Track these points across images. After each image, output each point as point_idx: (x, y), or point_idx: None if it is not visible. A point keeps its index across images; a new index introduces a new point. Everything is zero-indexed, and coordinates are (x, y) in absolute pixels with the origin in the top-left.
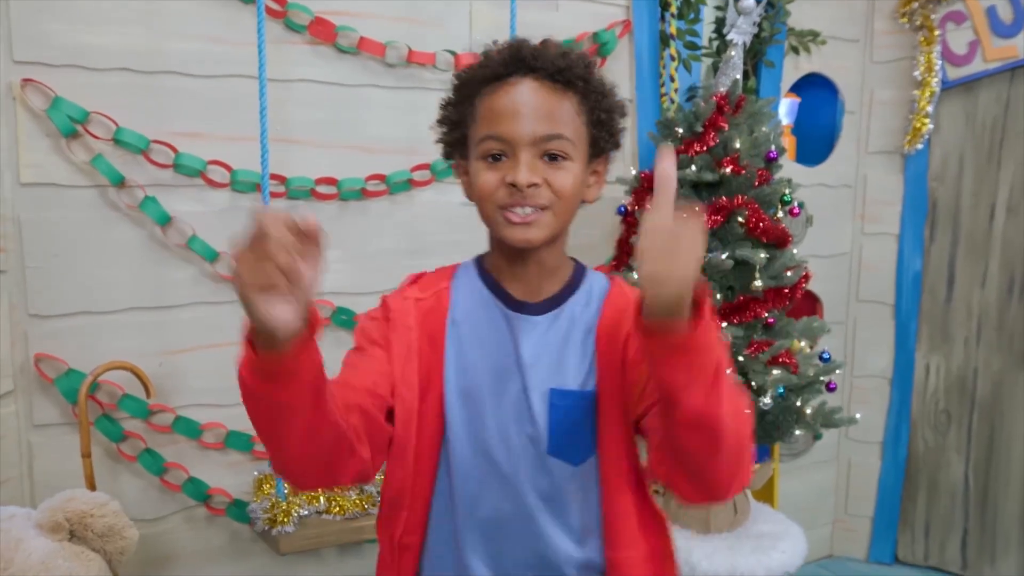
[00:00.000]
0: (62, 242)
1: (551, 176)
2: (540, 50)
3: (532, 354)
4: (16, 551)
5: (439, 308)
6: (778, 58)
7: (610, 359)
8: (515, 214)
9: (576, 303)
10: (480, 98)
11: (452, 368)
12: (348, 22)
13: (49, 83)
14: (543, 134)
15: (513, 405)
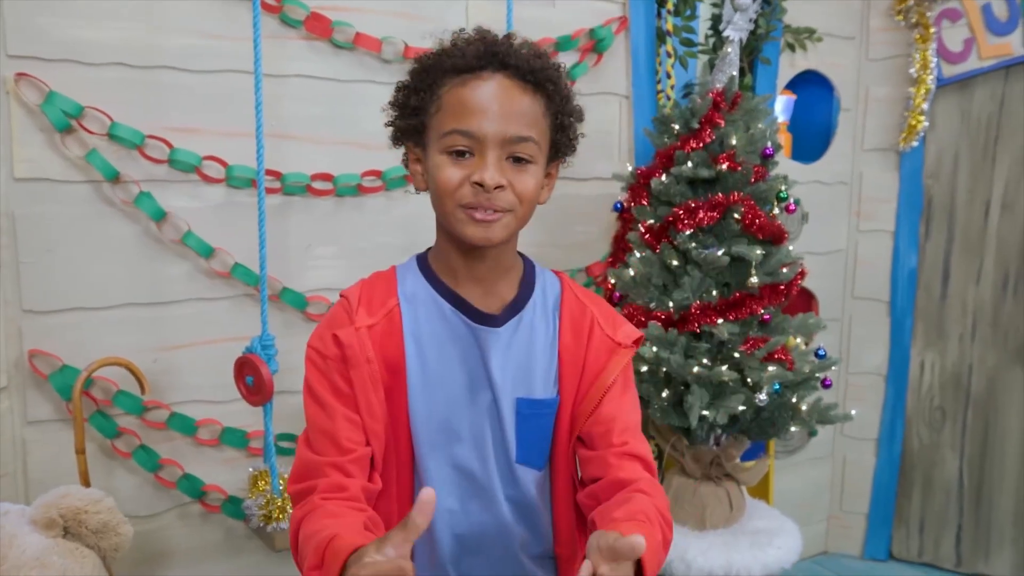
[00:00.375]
0: (56, 237)
1: (515, 179)
2: (513, 47)
3: (499, 365)
4: (10, 548)
5: (393, 331)
6: (774, 55)
7: (571, 370)
8: (477, 214)
9: (534, 308)
10: (446, 88)
11: (418, 390)
12: (344, 17)
13: (43, 77)
14: (513, 135)
15: (485, 417)
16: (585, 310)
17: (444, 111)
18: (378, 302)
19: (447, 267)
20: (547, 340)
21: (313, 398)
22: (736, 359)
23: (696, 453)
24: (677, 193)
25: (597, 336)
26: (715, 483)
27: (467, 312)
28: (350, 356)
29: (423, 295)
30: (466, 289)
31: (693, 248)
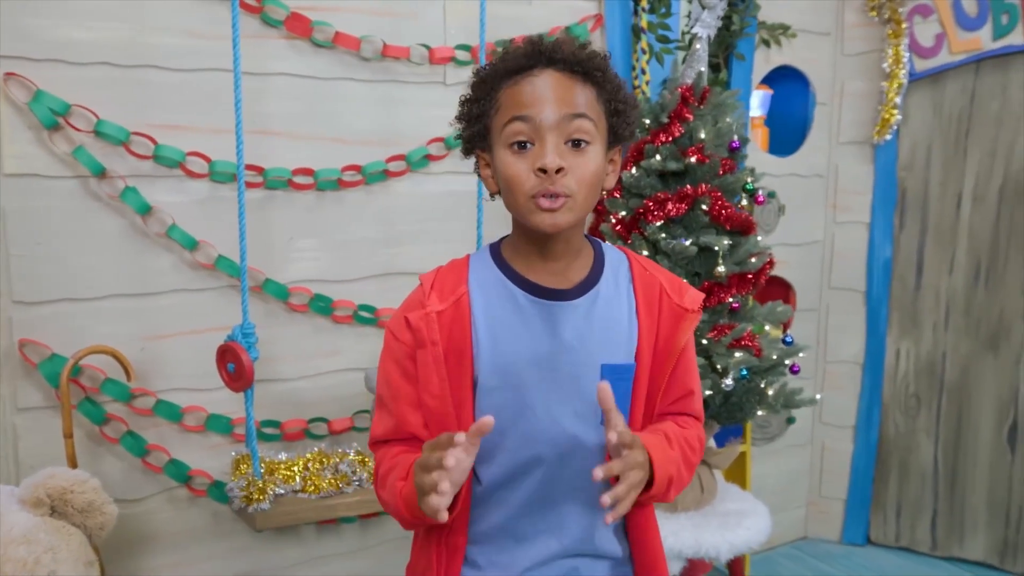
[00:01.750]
0: (45, 231)
1: (575, 163)
2: (559, 44)
3: (575, 336)
4: None
5: (461, 317)
6: (748, 51)
7: (647, 337)
8: (544, 201)
9: (607, 283)
10: (502, 90)
11: (487, 372)
12: (324, 17)
13: (31, 77)
14: (568, 112)
15: (560, 390)
16: (653, 280)
17: (503, 110)
18: (449, 289)
19: (521, 256)
20: (627, 310)
21: (384, 377)
22: (704, 346)
23: None
24: (647, 185)
25: (667, 303)
26: None
27: (537, 292)
28: (419, 338)
29: (494, 282)
30: (539, 275)
31: (662, 239)
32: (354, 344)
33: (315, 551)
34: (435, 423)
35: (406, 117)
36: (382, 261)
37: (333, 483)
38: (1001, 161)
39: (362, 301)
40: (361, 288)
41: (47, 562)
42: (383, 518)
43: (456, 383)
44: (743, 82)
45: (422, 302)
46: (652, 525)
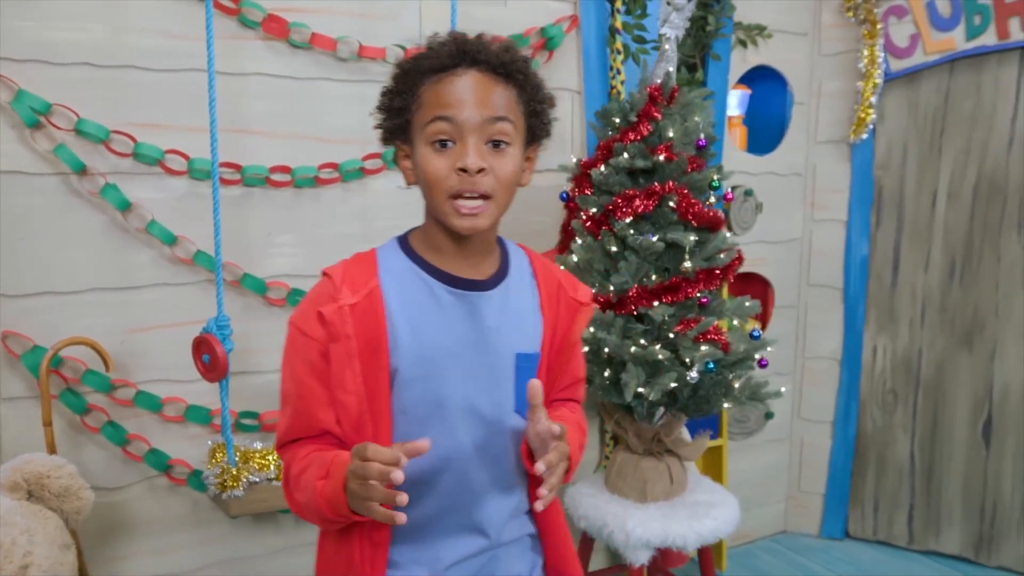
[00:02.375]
0: (28, 226)
1: (495, 163)
2: (484, 44)
3: (494, 326)
4: None
5: (374, 310)
6: (724, 51)
7: (549, 328)
8: (463, 205)
9: (514, 276)
10: (425, 86)
11: (407, 364)
12: (300, 18)
13: (13, 77)
14: (489, 116)
15: (479, 379)
16: (552, 275)
17: (425, 106)
18: (360, 282)
19: (433, 247)
20: (532, 302)
21: (289, 373)
22: (671, 339)
23: (638, 429)
24: (616, 183)
25: (564, 298)
26: (657, 458)
27: (456, 283)
28: (332, 332)
29: (407, 273)
30: (454, 267)
31: (630, 235)
32: None
33: (294, 539)
34: (350, 419)
35: None
36: None
37: None
38: (975, 159)
39: None
40: None
41: (23, 543)
42: None
43: (371, 377)
44: (719, 82)
45: (333, 296)
46: (556, 504)
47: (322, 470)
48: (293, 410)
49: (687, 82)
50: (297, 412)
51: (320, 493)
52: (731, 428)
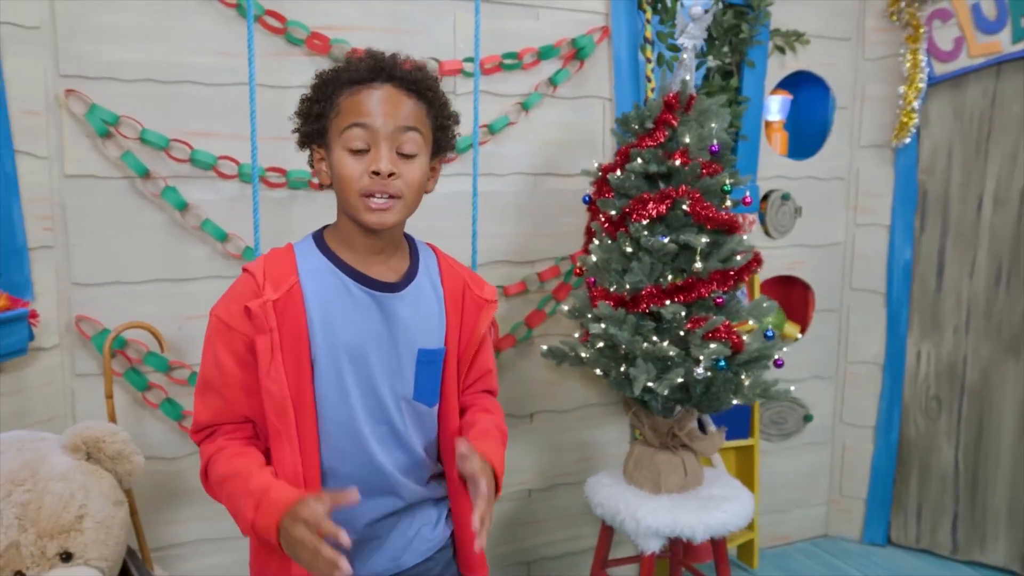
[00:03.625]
0: (98, 224)
1: (404, 169)
2: (398, 62)
3: (403, 323)
4: (42, 464)
5: (295, 305)
6: (761, 58)
7: (454, 324)
8: (374, 202)
9: (423, 276)
10: (344, 96)
11: (323, 355)
12: (341, 35)
13: (87, 92)
14: (400, 125)
15: (392, 366)
16: (457, 275)
17: (343, 114)
18: (281, 278)
19: (346, 245)
20: (437, 301)
21: (213, 361)
22: (682, 337)
23: (654, 423)
24: (632, 186)
25: (470, 296)
26: (672, 452)
27: (370, 284)
28: (258, 325)
29: (324, 271)
30: (365, 264)
31: (644, 236)
32: None
33: None
34: (274, 406)
35: None
36: None
37: None
38: (1023, 164)
39: None
40: None
41: (80, 496)
42: None
43: (293, 367)
44: (755, 88)
45: (257, 292)
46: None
47: (250, 499)
48: (214, 397)
49: (720, 88)
50: (222, 399)
51: (249, 523)
52: (768, 430)
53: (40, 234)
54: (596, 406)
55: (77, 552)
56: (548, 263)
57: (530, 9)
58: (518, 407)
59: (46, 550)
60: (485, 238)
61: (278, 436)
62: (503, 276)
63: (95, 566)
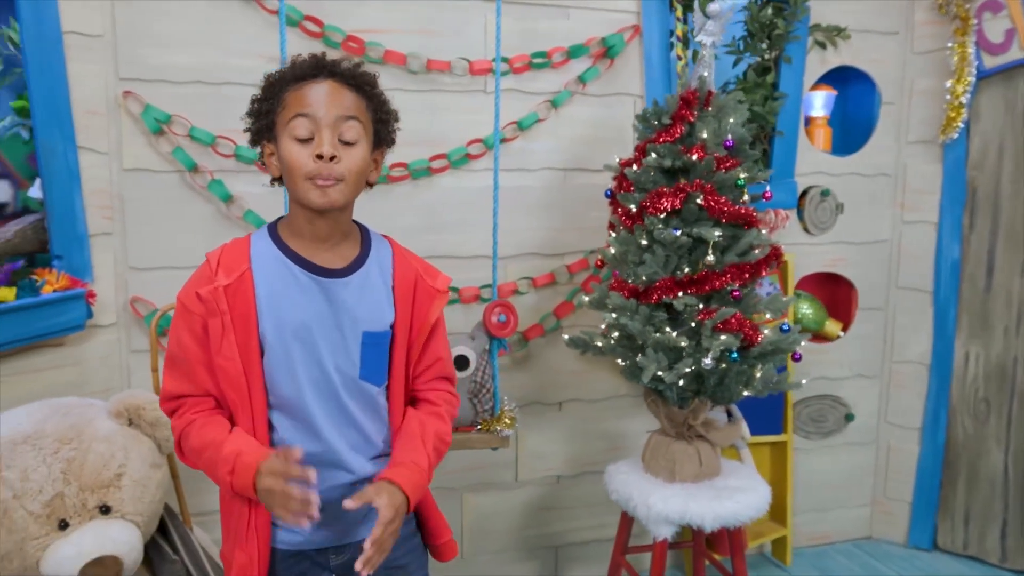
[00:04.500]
0: (152, 213)
1: (345, 154)
2: (338, 61)
3: (345, 307)
4: (87, 426)
5: (244, 289)
6: (799, 54)
7: (402, 312)
8: (319, 182)
9: (372, 264)
10: (288, 92)
11: (271, 336)
12: (376, 38)
13: (142, 94)
14: (342, 114)
15: (337, 347)
16: (410, 265)
17: (288, 107)
18: (233, 265)
19: (296, 234)
20: (385, 288)
21: (176, 339)
22: (694, 328)
23: (670, 413)
24: (648, 180)
25: (421, 286)
26: (687, 442)
27: (314, 270)
28: (210, 309)
29: (273, 259)
30: (312, 252)
31: (658, 229)
32: None
33: None
34: (230, 380)
35: (449, 121)
36: (426, 245)
37: None
38: None
39: None
40: None
41: (120, 457)
42: None
43: (244, 346)
44: (793, 84)
45: (210, 278)
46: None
47: (225, 465)
48: (179, 372)
49: (756, 85)
50: (184, 373)
51: (229, 485)
52: (807, 427)
53: (100, 222)
54: (626, 396)
55: (115, 506)
56: (577, 256)
57: (561, 9)
58: (547, 395)
59: (87, 502)
60: (515, 232)
61: (235, 409)
62: (532, 268)
63: (131, 520)
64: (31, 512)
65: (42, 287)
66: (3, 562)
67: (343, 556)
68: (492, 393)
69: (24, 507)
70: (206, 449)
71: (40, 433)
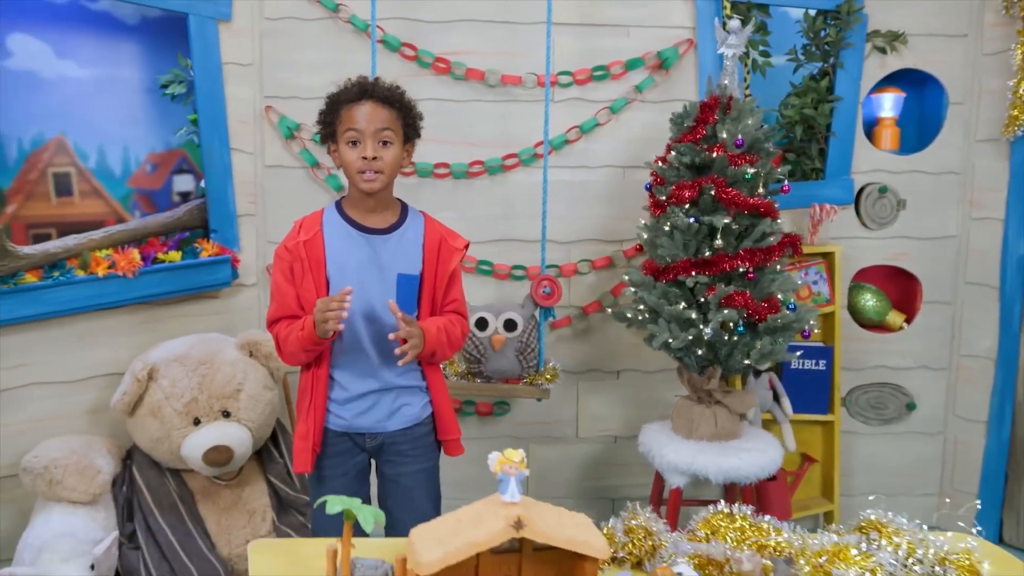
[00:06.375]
0: (285, 200)
1: (383, 153)
2: (377, 85)
3: (388, 256)
4: (219, 353)
5: (317, 244)
6: (854, 60)
7: (429, 262)
8: (365, 176)
9: (408, 228)
10: (343, 110)
11: (335, 274)
12: (459, 58)
13: (279, 108)
14: (379, 127)
15: (381, 283)
16: (436, 230)
17: (342, 122)
18: (311, 228)
19: (352, 206)
20: (416, 245)
21: (274, 279)
22: (703, 303)
23: (691, 379)
24: (672, 175)
25: (444, 245)
26: (706, 405)
27: (364, 230)
28: (294, 256)
29: (337, 223)
30: (363, 217)
31: (676, 217)
32: (478, 288)
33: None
34: (308, 305)
35: (519, 126)
36: (500, 231)
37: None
38: None
39: (484, 259)
40: (484, 249)
41: (240, 378)
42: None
43: (317, 281)
44: (849, 88)
45: (295, 236)
46: (437, 373)
47: (298, 327)
48: (276, 301)
49: (808, 89)
50: (278, 303)
51: (300, 335)
52: (866, 413)
53: (246, 206)
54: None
55: (233, 412)
56: (633, 242)
57: (622, 28)
58: (606, 364)
59: (213, 407)
60: (578, 220)
61: None
62: (593, 251)
63: (244, 424)
64: (175, 410)
65: (200, 252)
66: (158, 444)
67: (375, 441)
68: (537, 353)
69: (171, 406)
70: (291, 334)
71: (187, 355)
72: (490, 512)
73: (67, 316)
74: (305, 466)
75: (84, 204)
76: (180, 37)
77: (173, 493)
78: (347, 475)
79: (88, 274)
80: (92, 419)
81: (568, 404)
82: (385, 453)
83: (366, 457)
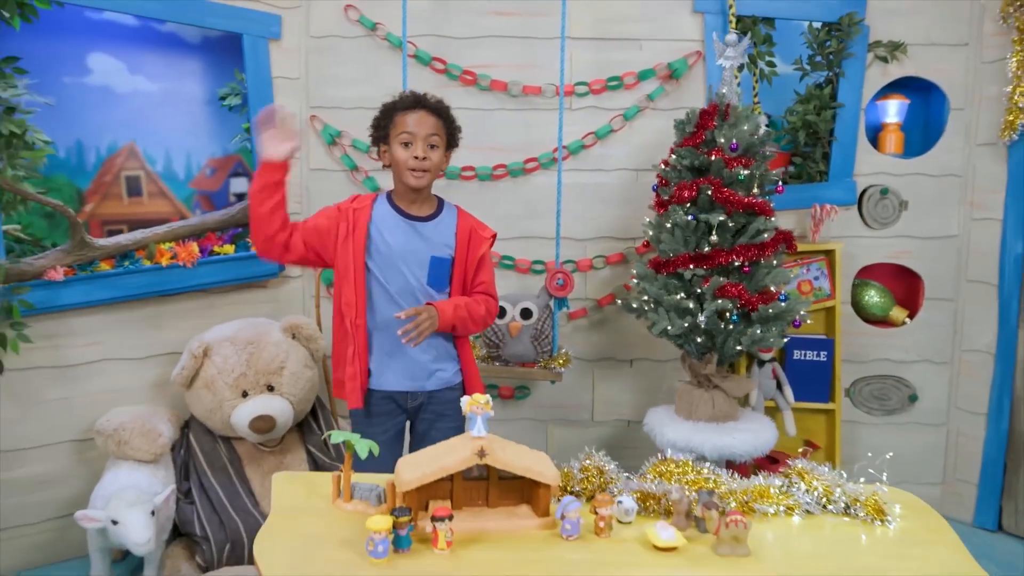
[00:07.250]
0: (327, 199)
1: (431, 155)
2: (427, 97)
3: (424, 239)
4: (264, 335)
5: (363, 217)
6: (856, 69)
7: (460, 248)
8: (415, 173)
9: (443, 217)
10: (397, 116)
11: (375, 246)
12: (485, 70)
13: (323, 117)
14: (429, 132)
15: (418, 263)
16: (468, 221)
17: (397, 126)
18: (362, 203)
19: (399, 197)
20: (450, 232)
21: (317, 213)
22: (697, 293)
23: (691, 365)
24: (673, 176)
25: (475, 234)
26: (705, 389)
27: (407, 216)
28: (342, 215)
29: (386, 209)
30: (407, 206)
31: (676, 215)
32: (502, 280)
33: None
34: (346, 263)
35: (540, 132)
36: (522, 228)
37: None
38: None
39: (507, 254)
40: (507, 246)
41: (282, 357)
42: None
43: (355, 245)
44: (851, 95)
45: (348, 204)
46: (466, 345)
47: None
48: (309, 224)
49: (812, 97)
50: (304, 225)
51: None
52: (869, 403)
53: (293, 205)
54: None
55: (277, 387)
56: (644, 239)
57: (635, 42)
58: (620, 353)
59: (259, 382)
60: (594, 218)
61: (346, 278)
62: (607, 248)
63: (286, 398)
64: (226, 384)
65: (251, 247)
66: (212, 414)
67: (415, 401)
68: (551, 339)
69: (223, 380)
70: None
71: (236, 336)
72: (461, 444)
73: (135, 300)
74: (358, 402)
75: (152, 203)
76: (236, 54)
77: (224, 457)
78: (387, 433)
79: (153, 264)
80: (156, 391)
81: (584, 390)
82: (422, 412)
83: (404, 419)
